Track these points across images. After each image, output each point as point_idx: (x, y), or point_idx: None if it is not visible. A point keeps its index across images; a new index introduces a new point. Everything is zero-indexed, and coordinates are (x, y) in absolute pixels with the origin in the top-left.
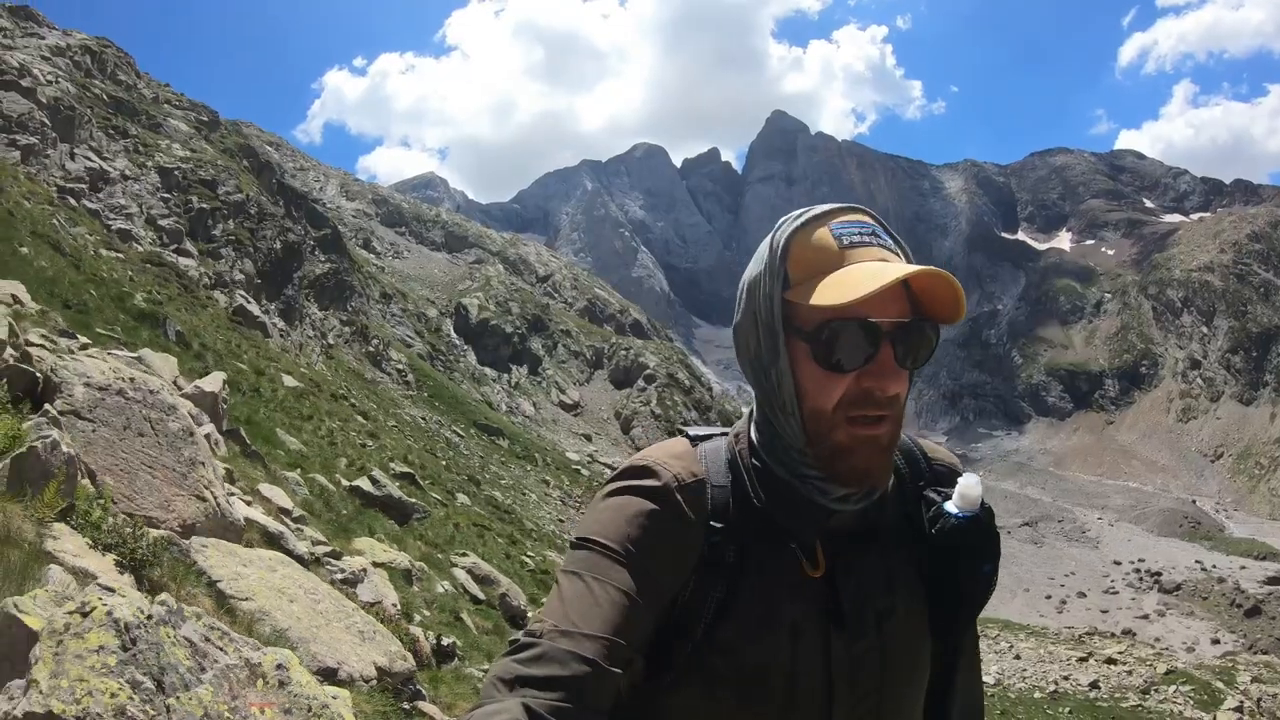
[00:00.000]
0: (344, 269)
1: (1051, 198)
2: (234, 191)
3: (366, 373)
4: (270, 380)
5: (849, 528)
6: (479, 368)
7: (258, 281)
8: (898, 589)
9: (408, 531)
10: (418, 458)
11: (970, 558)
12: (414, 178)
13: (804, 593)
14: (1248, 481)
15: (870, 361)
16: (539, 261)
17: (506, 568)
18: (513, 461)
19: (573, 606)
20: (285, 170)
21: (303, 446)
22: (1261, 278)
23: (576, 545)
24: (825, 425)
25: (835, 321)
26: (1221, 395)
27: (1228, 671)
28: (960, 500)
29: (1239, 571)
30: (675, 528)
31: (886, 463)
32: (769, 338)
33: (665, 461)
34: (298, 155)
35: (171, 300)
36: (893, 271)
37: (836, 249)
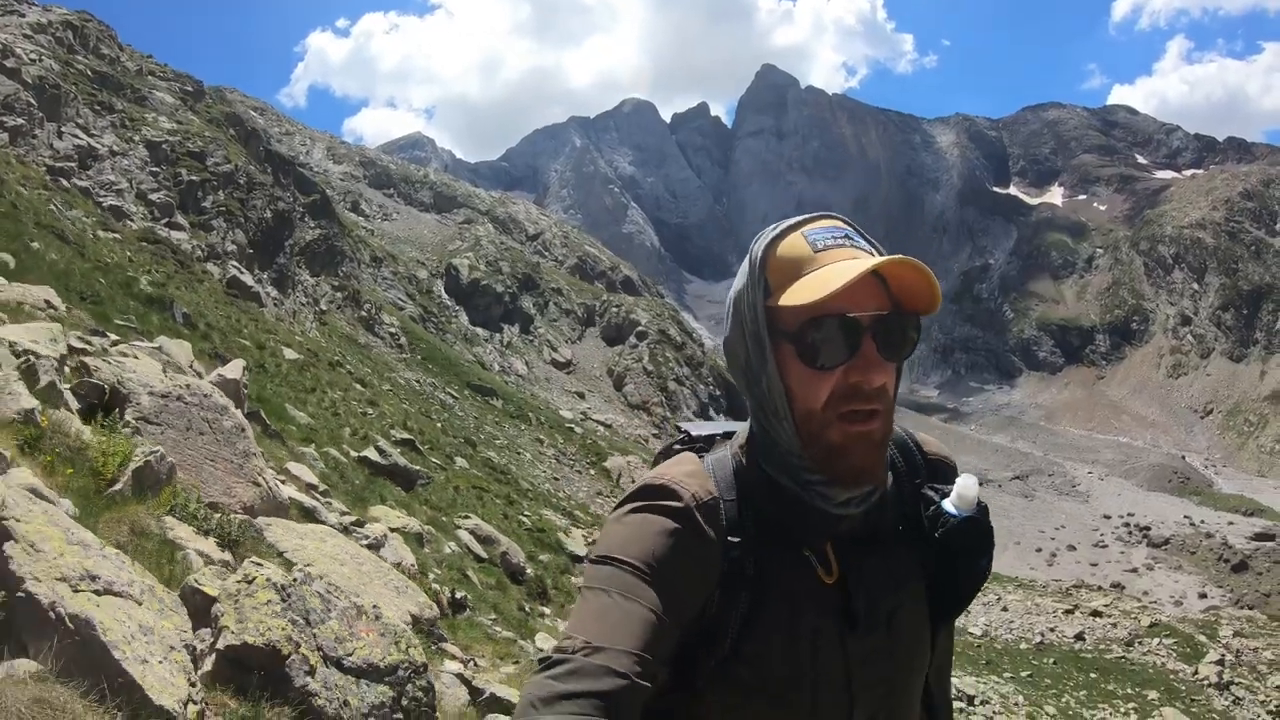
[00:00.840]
0: (334, 234)
1: (1044, 152)
2: (222, 162)
3: (360, 337)
4: (272, 355)
5: (855, 532)
6: (471, 328)
7: (250, 252)
8: (903, 587)
9: (413, 497)
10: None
11: (968, 555)
12: (401, 138)
13: (820, 599)
14: (1237, 438)
15: (854, 356)
16: (528, 220)
17: (505, 527)
18: (506, 421)
19: (602, 623)
20: (271, 136)
21: (311, 420)
22: (1253, 235)
23: (599, 562)
24: (817, 425)
25: (815, 320)
26: (1212, 352)
27: (1210, 625)
28: (958, 500)
29: (1227, 527)
30: (696, 546)
31: (881, 459)
32: (756, 345)
33: (683, 481)
34: (283, 120)
35: (170, 279)
36: (862, 264)
37: (811, 253)
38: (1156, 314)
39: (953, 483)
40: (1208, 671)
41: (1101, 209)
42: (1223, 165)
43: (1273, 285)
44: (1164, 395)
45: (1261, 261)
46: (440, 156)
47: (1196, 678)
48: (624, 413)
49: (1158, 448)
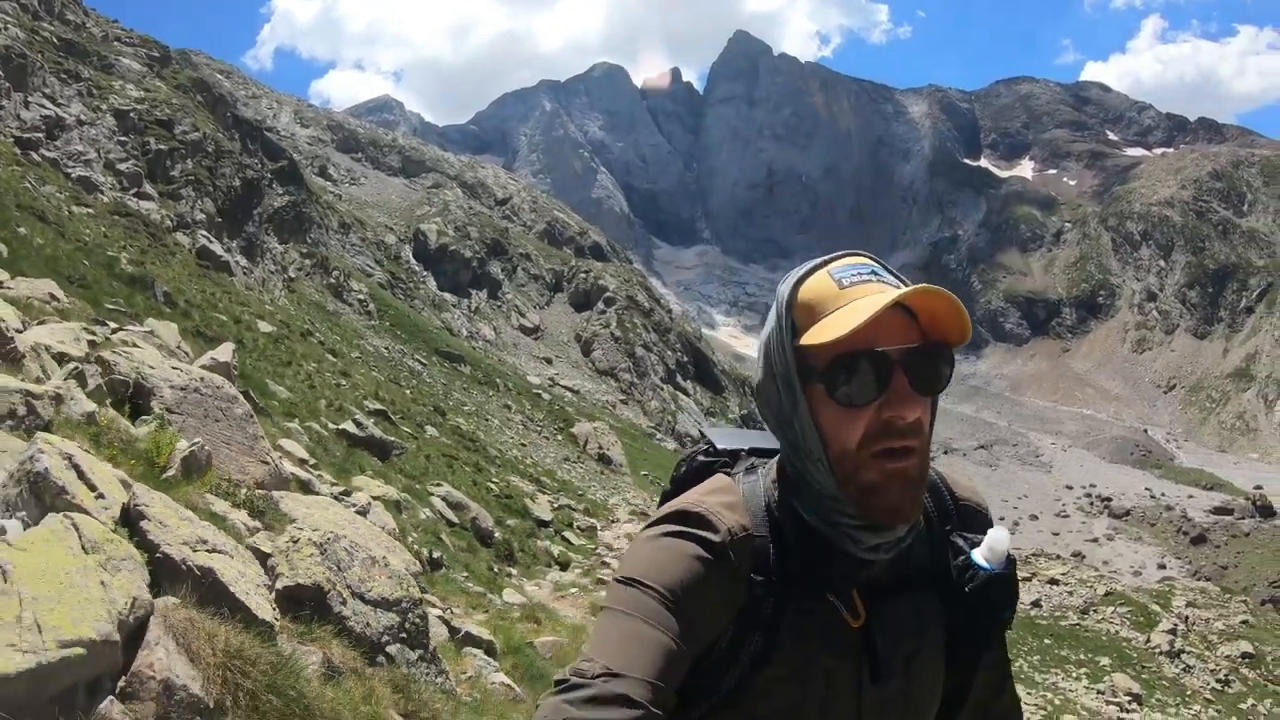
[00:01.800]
0: (302, 200)
1: (1015, 126)
2: (191, 130)
3: (329, 305)
4: (248, 329)
5: (882, 577)
6: (439, 294)
7: (219, 220)
8: (924, 633)
9: (389, 467)
10: (387, 393)
11: (995, 607)
12: (369, 101)
13: (840, 642)
14: (1198, 414)
15: (885, 391)
16: (497, 184)
17: (474, 494)
18: (475, 388)
19: (623, 648)
20: (238, 99)
21: (290, 394)
22: (1220, 215)
23: (626, 584)
24: (852, 465)
25: (845, 356)
26: (1176, 328)
27: (1164, 595)
28: (988, 553)
29: (1187, 500)
30: (724, 581)
31: (918, 497)
32: (786, 388)
33: (720, 513)
34: (249, 83)
35: (145, 254)
36: (889, 296)
37: (836, 290)
38: (1123, 289)
39: (982, 530)
40: (1160, 640)
41: (1071, 184)
42: (1193, 145)
43: (1238, 265)
44: (1128, 369)
45: (1228, 241)
46: (409, 120)
47: (1149, 645)
48: (591, 378)
49: (1120, 421)
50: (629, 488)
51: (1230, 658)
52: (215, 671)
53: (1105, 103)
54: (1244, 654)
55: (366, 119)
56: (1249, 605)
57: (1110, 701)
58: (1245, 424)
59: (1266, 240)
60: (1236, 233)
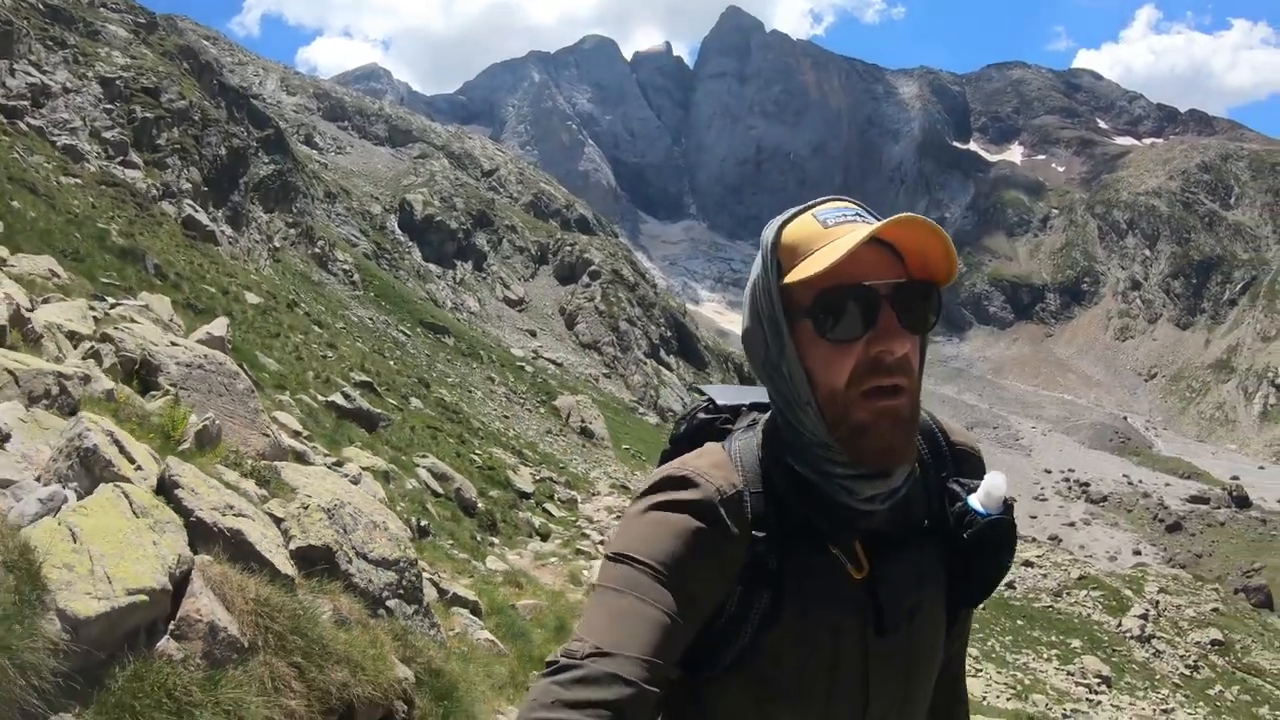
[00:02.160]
0: (288, 169)
1: (1006, 111)
2: (177, 99)
3: (314, 274)
4: (236, 300)
5: (882, 526)
6: (423, 264)
7: (204, 189)
8: (925, 584)
9: (376, 438)
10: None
11: (993, 553)
12: (356, 69)
13: (845, 596)
14: (1178, 403)
15: (873, 326)
16: (484, 155)
17: (458, 465)
18: (458, 359)
19: (613, 627)
20: (224, 66)
21: (280, 366)
22: (1207, 207)
23: (616, 560)
24: (842, 405)
25: (831, 291)
26: (1159, 318)
27: (1137, 580)
28: (986, 498)
29: (1164, 488)
30: (719, 543)
31: (910, 437)
32: (773, 330)
33: (706, 472)
34: (235, 50)
35: (133, 224)
36: (873, 227)
37: (821, 229)
38: (1107, 277)
39: (978, 475)
40: (1131, 624)
41: (1059, 170)
42: (1183, 136)
43: (1223, 257)
44: (1110, 356)
45: (1214, 233)
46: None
47: (1120, 629)
48: (575, 351)
49: (1101, 407)
50: (610, 461)
51: (1200, 644)
52: (248, 616)
53: (1096, 91)
54: (1213, 641)
55: (353, 87)
56: (1220, 593)
57: (1080, 683)
58: (1224, 415)
59: (1252, 234)
60: (1222, 225)
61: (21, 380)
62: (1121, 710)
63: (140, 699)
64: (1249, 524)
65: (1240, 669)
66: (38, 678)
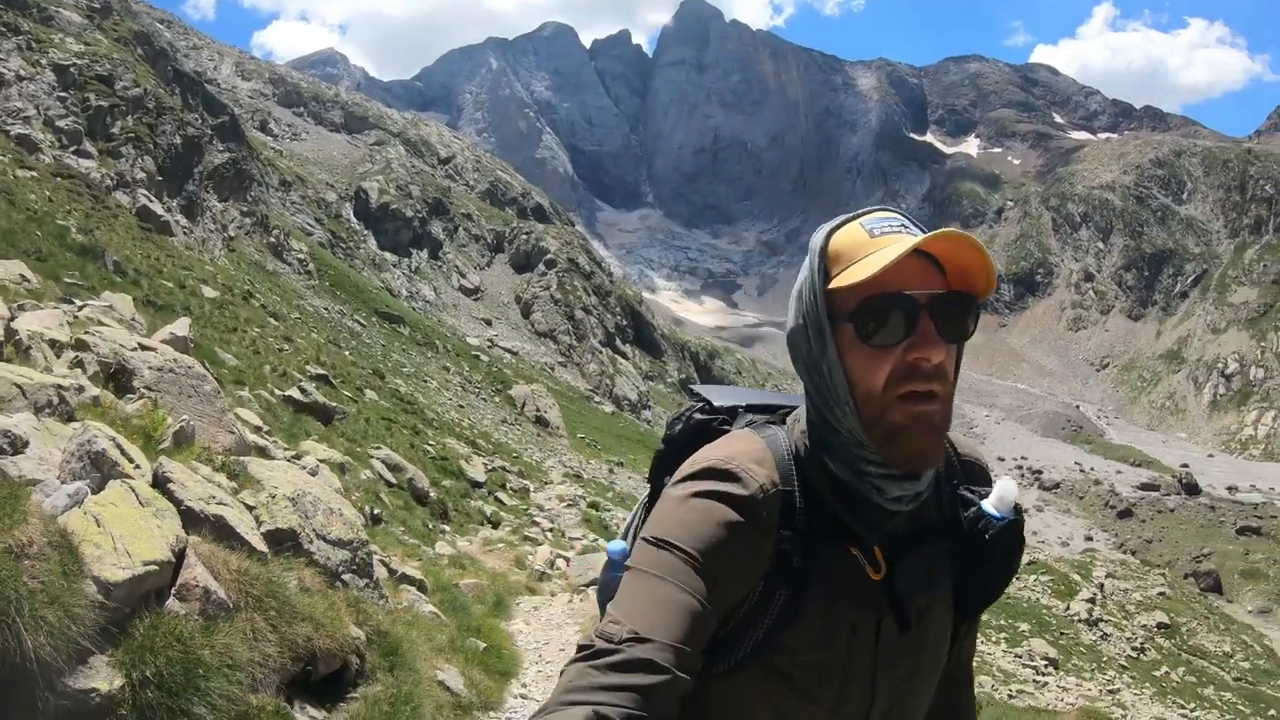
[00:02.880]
0: (243, 157)
1: (963, 103)
2: (131, 86)
3: (268, 264)
4: (193, 294)
5: (901, 528)
6: (379, 253)
7: (159, 179)
8: (935, 586)
9: (332, 430)
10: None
11: (1005, 555)
12: (312, 54)
13: (862, 595)
14: (1130, 392)
15: (912, 334)
16: (441, 143)
17: (411, 456)
18: (414, 349)
19: (651, 611)
20: (178, 50)
21: (238, 361)
22: (1160, 202)
23: (656, 544)
24: (878, 407)
25: (874, 298)
26: (1112, 309)
27: (1085, 566)
28: (998, 502)
29: (1115, 475)
30: (755, 538)
31: (940, 443)
32: (816, 331)
33: (750, 469)
34: (190, 33)
35: (89, 218)
36: (917, 239)
37: (868, 239)
38: (1061, 269)
39: (983, 484)
40: (1079, 608)
41: (1015, 163)
42: (1137, 132)
43: (1174, 251)
44: (1063, 347)
45: (1166, 227)
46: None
47: (1068, 613)
48: (531, 340)
49: (1053, 396)
50: (565, 450)
51: (1146, 627)
52: (232, 583)
53: (1053, 86)
54: (1160, 624)
55: (309, 72)
56: (1167, 578)
57: (1027, 665)
58: (1175, 404)
59: (1203, 228)
60: (1175, 219)
61: (28, 392)
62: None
63: (157, 642)
64: (1198, 510)
65: (1186, 651)
66: (83, 625)
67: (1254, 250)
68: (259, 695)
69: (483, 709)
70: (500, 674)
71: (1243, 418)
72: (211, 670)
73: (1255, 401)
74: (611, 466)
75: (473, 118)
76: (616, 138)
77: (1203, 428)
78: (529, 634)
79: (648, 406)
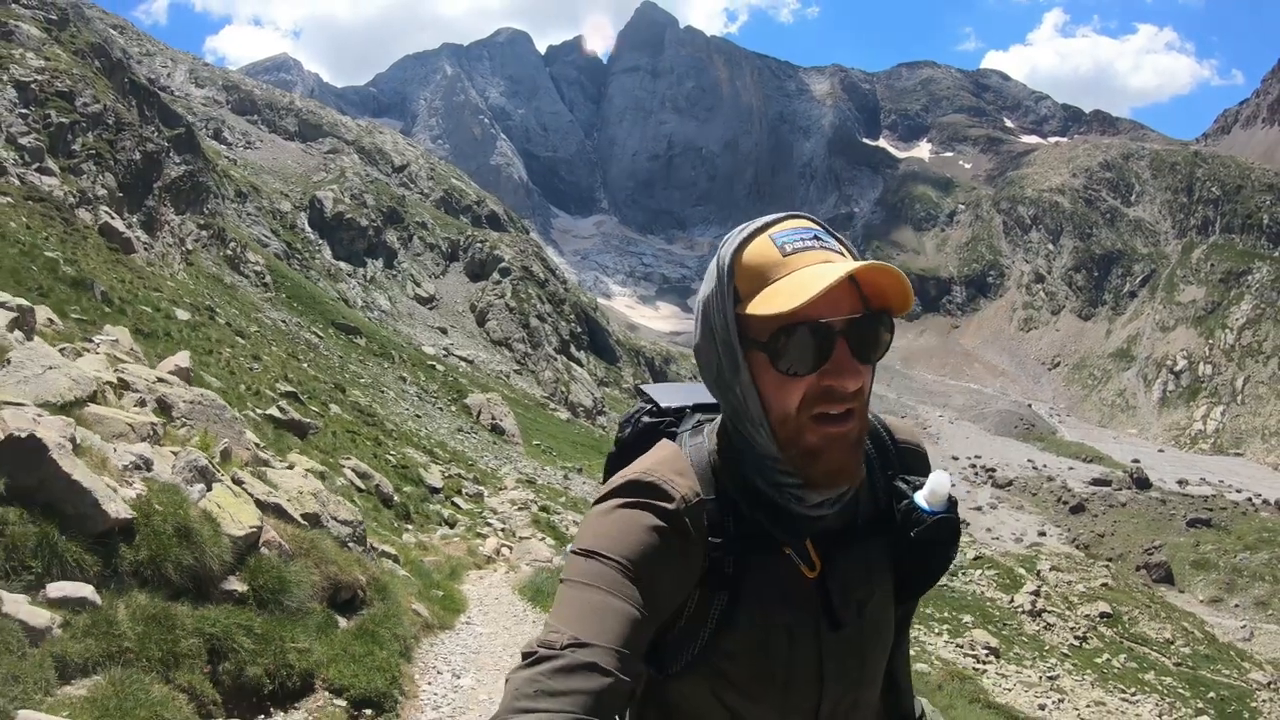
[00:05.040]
0: (199, 169)
1: (915, 109)
2: (91, 102)
3: (226, 278)
4: (167, 317)
5: (831, 525)
6: (334, 263)
7: (119, 195)
8: (874, 576)
9: (308, 444)
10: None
11: (940, 547)
12: (266, 60)
13: (799, 594)
14: (1081, 390)
15: (827, 361)
16: (395, 151)
17: (375, 465)
18: (370, 360)
19: (588, 618)
20: (132, 58)
21: (220, 383)
22: (1109, 204)
23: (584, 555)
24: (793, 429)
25: (787, 327)
26: (1062, 309)
27: (1030, 560)
28: (931, 496)
29: (1067, 472)
30: (682, 547)
31: (857, 458)
32: (728, 354)
33: (672, 480)
34: (144, 39)
35: (64, 242)
36: (834, 271)
37: (780, 257)
38: (1012, 270)
39: (924, 472)
40: (1023, 600)
41: (967, 167)
42: (1086, 136)
43: (1123, 252)
44: (1014, 347)
45: (1114, 229)
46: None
47: (1012, 605)
48: (486, 348)
49: (1006, 395)
50: (520, 457)
51: (1089, 617)
52: (290, 541)
53: (1004, 91)
54: (1102, 614)
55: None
56: (1111, 569)
57: (967, 654)
58: (1125, 401)
59: (1151, 229)
60: (1123, 221)
61: (137, 429)
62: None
63: (260, 568)
64: (1149, 504)
65: (1128, 638)
66: (222, 560)
67: (1201, 250)
68: (313, 604)
69: (440, 628)
70: (452, 610)
71: (1192, 413)
72: (289, 584)
73: (1204, 397)
74: (567, 473)
75: (427, 124)
76: (571, 144)
77: (1153, 424)
78: (474, 591)
79: (603, 412)
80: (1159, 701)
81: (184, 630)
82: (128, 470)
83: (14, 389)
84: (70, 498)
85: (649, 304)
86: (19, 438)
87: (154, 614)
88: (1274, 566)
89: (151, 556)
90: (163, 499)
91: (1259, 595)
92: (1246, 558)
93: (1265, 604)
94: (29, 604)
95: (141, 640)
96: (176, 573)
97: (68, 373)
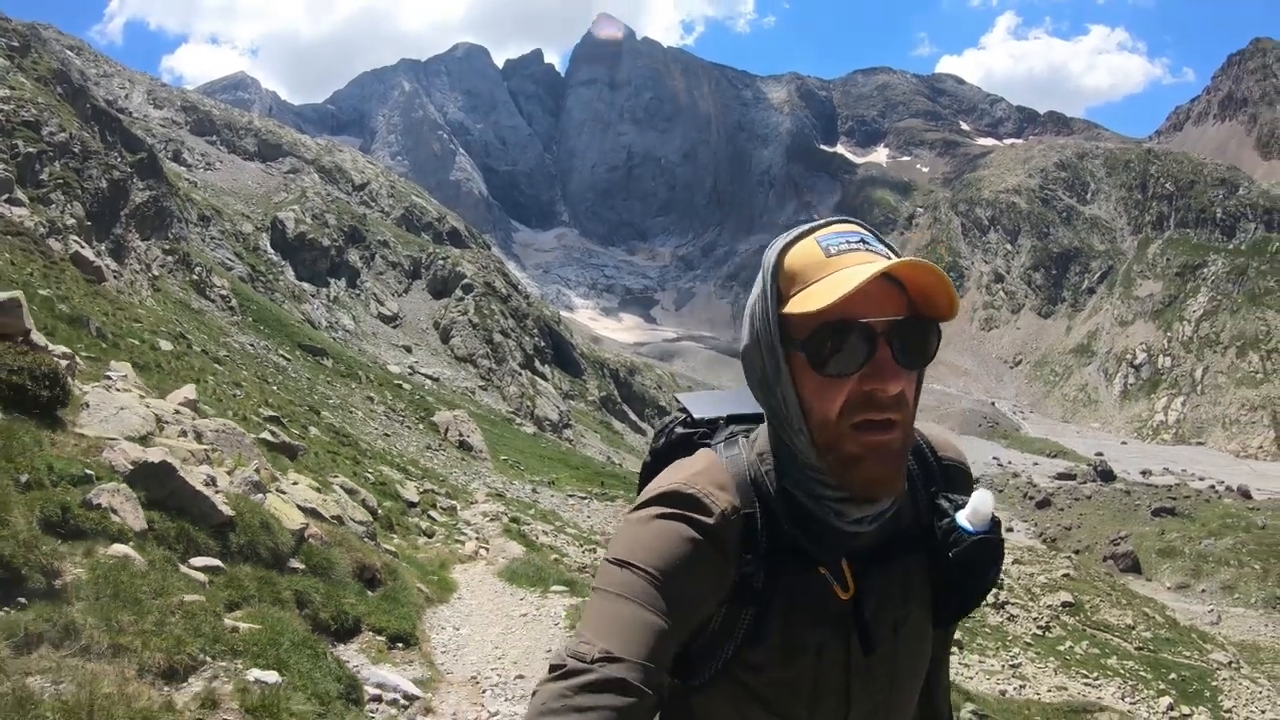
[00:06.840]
0: (162, 194)
1: (872, 114)
2: (58, 131)
3: (193, 303)
4: (152, 348)
5: (870, 545)
6: (297, 284)
7: (88, 224)
8: (911, 597)
9: (299, 464)
10: (272, 397)
11: (981, 569)
12: (223, 78)
13: (830, 614)
14: (1043, 387)
15: (868, 363)
16: (355, 169)
17: (357, 482)
18: (338, 380)
19: (618, 631)
20: (89, 79)
21: (213, 410)
22: (1065, 203)
23: (617, 565)
24: (833, 435)
25: (828, 325)
26: (1022, 308)
27: None
28: (973, 515)
29: (1032, 467)
30: (717, 562)
31: (900, 470)
32: (770, 356)
33: (713, 494)
34: (101, 60)
35: (46, 276)
36: (875, 266)
37: (823, 258)
38: (972, 271)
39: (966, 490)
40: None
41: (924, 171)
42: (1041, 137)
43: (1080, 249)
44: (976, 346)
45: (1071, 227)
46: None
47: None
48: (450, 365)
49: (970, 394)
50: (489, 472)
51: (1052, 607)
52: (328, 534)
53: (959, 94)
54: (1064, 603)
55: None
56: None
57: None
58: (1087, 396)
59: (1107, 226)
60: (1080, 219)
61: (195, 454)
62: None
63: (312, 554)
64: (1114, 496)
65: (1090, 626)
66: (288, 545)
67: (1157, 245)
68: (349, 579)
69: (439, 602)
70: (447, 590)
71: (1153, 405)
72: (334, 563)
73: (1164, 389)
74: (535, 486)
75: (386, 141)
76: (530, 157)
77: (1115, 417)
78: (461, 578)
79: (569, 426)
80: (1121, 685)
81: (281, 586)
82: (206, 484)
83: (100, 426)
84: (195, 503)
85: (612, 316)
86: (152, 463)
87: (260, 576)
88: (1238, 551)
89: (249, 541)
90: (240, 504)
91: (1225, 580)
92: (1211, 544)
93: (1231, 588)
94: (184, 568)
95: (259, 590)
96: (265, 552)
97: (136, 411)
